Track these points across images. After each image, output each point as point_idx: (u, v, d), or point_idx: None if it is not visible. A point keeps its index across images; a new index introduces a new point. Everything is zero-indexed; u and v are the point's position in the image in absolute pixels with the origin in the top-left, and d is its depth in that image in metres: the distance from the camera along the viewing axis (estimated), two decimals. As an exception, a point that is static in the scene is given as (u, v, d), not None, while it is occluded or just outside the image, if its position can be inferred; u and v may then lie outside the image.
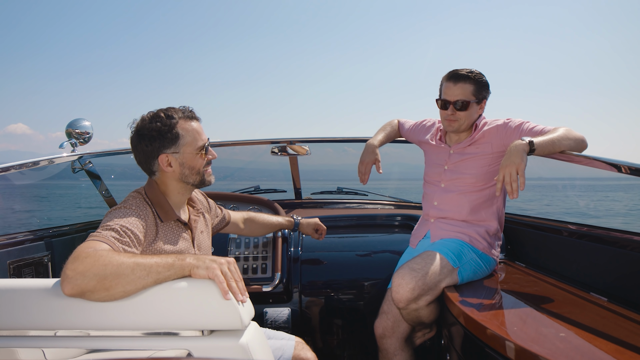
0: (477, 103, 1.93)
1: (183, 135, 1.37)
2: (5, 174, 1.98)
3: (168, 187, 1.42)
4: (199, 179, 1.43)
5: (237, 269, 1.12)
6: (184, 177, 1.40)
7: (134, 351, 1.04)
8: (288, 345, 1.52)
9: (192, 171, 1.40)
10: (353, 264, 2.37)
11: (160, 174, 1.40)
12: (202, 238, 1.54)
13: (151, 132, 1.35)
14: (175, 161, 1.37)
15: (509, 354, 1.17)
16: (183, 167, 1.38)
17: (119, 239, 1.16)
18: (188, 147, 1.38)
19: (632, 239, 1.56)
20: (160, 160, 1.37)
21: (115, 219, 1.22)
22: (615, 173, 1.56)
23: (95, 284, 0.99)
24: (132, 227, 1.22)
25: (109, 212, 1.26)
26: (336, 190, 3.21)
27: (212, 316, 1.04)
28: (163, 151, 1.36)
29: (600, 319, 1.37)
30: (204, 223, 1.59)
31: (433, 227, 2.04)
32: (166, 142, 1.35)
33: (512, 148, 1.62)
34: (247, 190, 3.12)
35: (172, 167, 1.38)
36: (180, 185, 1.42)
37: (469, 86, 1.89)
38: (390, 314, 1.88)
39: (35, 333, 1.06)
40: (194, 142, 1.39)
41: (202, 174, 1.42)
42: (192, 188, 1.46)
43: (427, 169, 2.16)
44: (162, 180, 1.41)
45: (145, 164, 1.40)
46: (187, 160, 1.38)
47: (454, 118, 1.92)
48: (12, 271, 1.88)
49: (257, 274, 2.24)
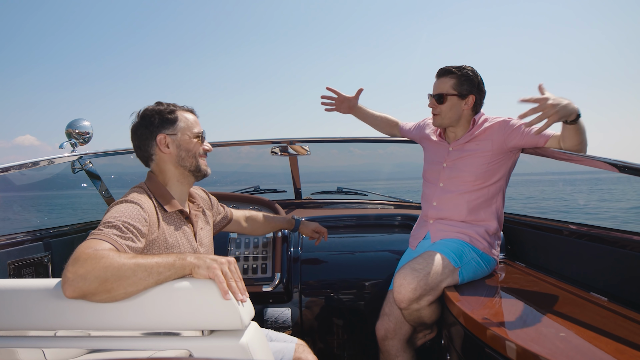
0: (461, 97, 1.94)
1: (181, 119, 1.46)
2: (5, 174, 1.98)
3: (166, 175, 1.46)
4: (195, 164, 1.47)
5: (237, 269, 1.12)
6: (181, 159, 1.44)
7: (134, 351, 1.04)
8: (289, 347, 1.52)
9: (189, 154, 1.45)
10: (353, 264, 2.37)
11: (158, 158, 1.46)
12: (203, 234, 1.55)
13: (152, 112, 1.44)
14: (173, 143, 1.44)
15: (509, 354, 1.17)
16: (180, 149, 1.44)
17: (121, 235, 1.16)
18: (185, 130, 1.45)
19: (632, 239, 1.56)
20: (159, 140, 1.43)
21: (116, 215, 1.22)
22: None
23: (97, 287, 0.99)
24: (134, 222, 1.22)
25: (111, 207, 1.27)
26: (336, 190, 3.21)
27: (212, 316, 1.04)
28: (162, 131, 1.43)
29: (600, 319, 1.37)
30: (205, 220, 1.61)
31: (432, 229, 2.04)
32: (165, 123, 1.43)
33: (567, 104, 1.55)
34: (247, 190, 3.12)
35: (169, 149, 1.44)
36: (178, 171, 1.46)
37: (449, 80, 1.94)
38: (392, 316, 1.88)
39: (35, 333, 1.06)
40: (191, 126, 1.47)
41: (198, 159, 1.47)
42: (189, 176, 1.49)
43: (426, 166, 2.17)
44: (159, 167, 1.46)
45: (144, 147, 1.46)
46: (184, 143, 1.44)
47: (436, 112, 1.98)
48: (12, 271, 1.88)
49: (257, 274, 2.24)
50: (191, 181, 1.51)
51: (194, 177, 1.50)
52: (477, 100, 1.97)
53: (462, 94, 1.93)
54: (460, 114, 1.97)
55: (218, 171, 1.57)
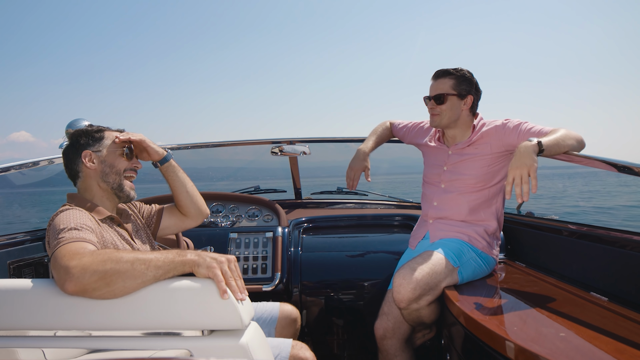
0: (460, 98, 1.95)
1: (108, 137, 1.50)
2: (6, 174, 1.98)
3: (92, 192, 1.46)
4: (118, 182, 1.47)
5: (237, 267, 1.12)
6: (104, 175, 1.46)
7: (134, 351, 1.04)
8: (285, 343, 1.52)
9: (112, 169, 1.47)
10: (353, 264, 2.37)
11: (83, 175, 1.47)
12: (141, 236, 1.58)
13: (80, 133, 1.49)
14: (97, 158, 1.47)
15: (509, 354, 1.17)
16: (104, 164, 1.46)
17: (83, 233, 1.18)
18: (111, 147, 1.49)
19: (632, 239, 1.56)
20: (83, 155, 1.45)
21: (64, 222, 1.22)
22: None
23: (97, 280, 1.00)
24: (84, 221, 1.24)
25: (52, 221, 1.26)
26: (336, 190, 3.21)
27: (212, 316, 1.04)
28: (87, 148, 1.46)
29: (600, 319, 1.37)
30: (137, 224, 1.62)
31: (432, 228, 2.04)
32: (91, 141, 1.47)
33: (521, 149, 1.60)
34: (247, 190, 3.12)
35: (94, 164, 1.46)
36: (102, 188, 1.46)
37: (448, 80, 1.96)
38: (391, 315, 1.88)
39: (35, 333, 1.06)
40: (117, 145, 1.50)
41: (122, 177, 1.48)
42: (113, 195, 1.48)
43: (426, 169, 2.17)
44: (85, 185, 1.47)
45: (70, 164, 1.48)
46: (109, 158, 1.47)
47: (435, 112, 1.98)
48: (12, 271, 1.88)
49: (257, 274, 2.24)
50: (115, 201, 1.51)
51: (118, 197, 1.49)
52: (474, 100, 1.99)
53: (461, 94, 1.95)
54: (459, 114, 1.98)
55: (214, 167, 1.53)
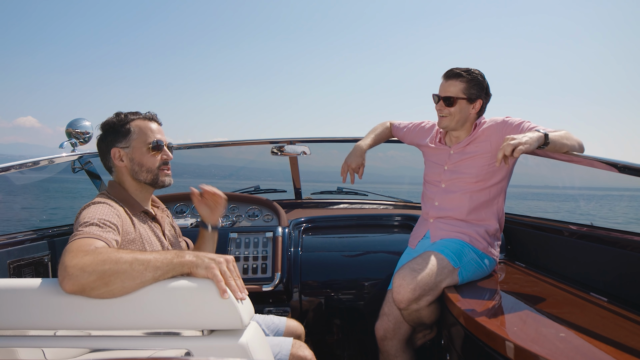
0: (469, 101, 1.94)
1: (134, 131, 1.44)
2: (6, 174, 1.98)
3: (125, 184, 1.46)
4: (151, 177, 1.46)
5: (235, 267, 1.12)
6: (135, 173, 1.45)
7: (134, 351, 1.04)
8: (285, 342, 1.53)
9: (142, 168, 1.44)
10: (353, 264, 2.37)
11: (116, 170, 1.47)
12: (173, 234, 1.58)
13: (106, 126, 1.45)
14: (126, 156, 1.44)
15: (509, 354, 1.17)
16: (133, 162, 1.44)
17: (102, 230, 1.18)
18: (138, 142, 1.44)
19: (632, 239, 1.56)
20: (113, 154, 1.44)
21: (89, 215, 1.22)
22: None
23: (95, 280, 0.99)
24: (109, 218, 1.24)
25: (80, 213, 1.27)
26: (336, 190, 3.21)
27: (212, 316, 1.04)
28: (115, 145, 1.44)
29: (600, 319, 1.37)
30: (170, 223, 1.63)
31: (432, 227, 2.04)
32: (118, 137, 1.44)
33: (527, 132, 1.64)
34: (247, 190, 3.12)
35: (123, 162, 1.44)
36: (135, 183, 1.46)
37: (459, 83, 1.93)
38: (391, 316, 1.88)
39: (35, 333, 1.06)
40: (145, 138, 1.45)
41: (156, 172, 1.46)
42: (148, 187, 1.49)
43: (427, 169, 2.17)
44: (118, 177, 1.47)
45: (103, 159, 1.48)
46: (137, 156, 1.44)
47: (444, 114, 1.96)
48: (12, 271, 1.88)
49: (257, 274, 2.24)
50: (150, 190, 1.51)
51: (153, 187, 1.50)
52: (483, 104, 1.99)
53: (470, 98, 1.94)
54: (467, 117, 1.97)
55: (217, 164, 1.52)
